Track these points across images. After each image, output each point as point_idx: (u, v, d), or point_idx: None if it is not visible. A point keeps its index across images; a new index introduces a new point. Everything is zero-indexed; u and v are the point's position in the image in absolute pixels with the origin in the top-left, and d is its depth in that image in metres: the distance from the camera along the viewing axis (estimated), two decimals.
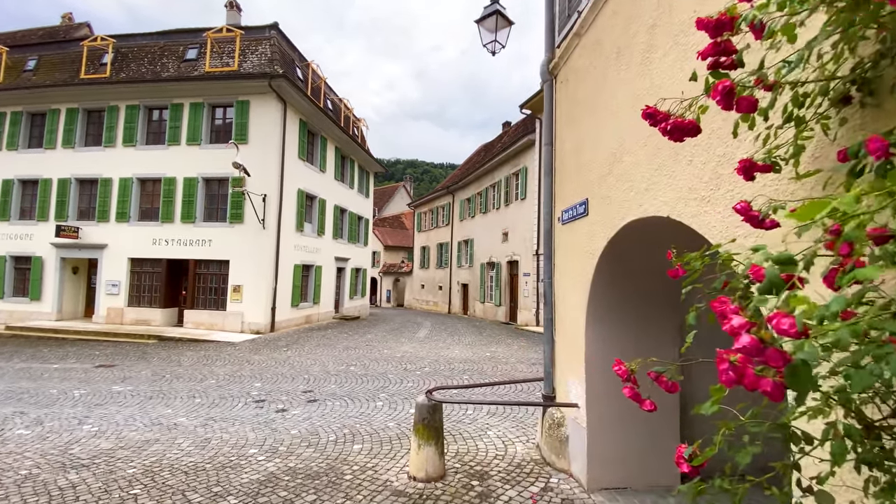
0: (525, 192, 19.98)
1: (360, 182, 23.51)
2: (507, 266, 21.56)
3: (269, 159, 15.07)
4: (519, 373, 8.78)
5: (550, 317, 4.53)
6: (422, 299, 33.23)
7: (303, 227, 16.83)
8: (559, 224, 4.45)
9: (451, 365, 9.60)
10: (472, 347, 12.21)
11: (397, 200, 46.29)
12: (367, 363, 9.86)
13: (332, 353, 11.19)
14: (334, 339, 13.48)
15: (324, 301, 18.84)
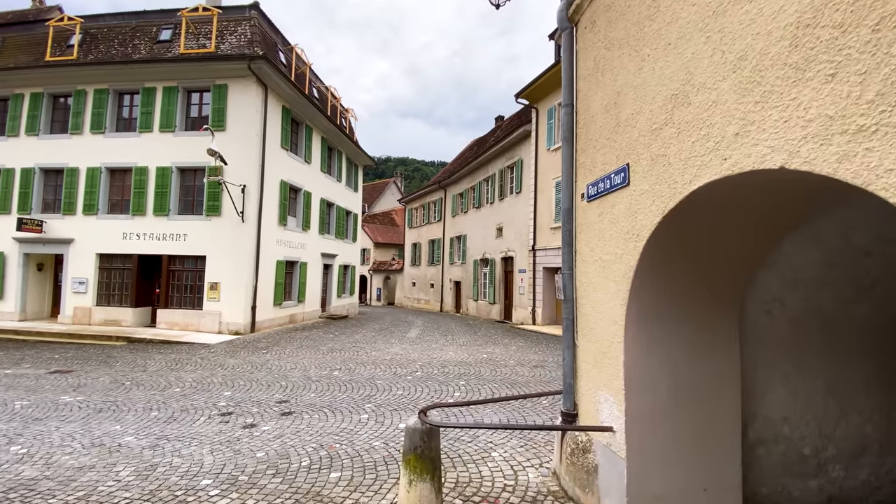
0: (520, 185, 19.19)
1: (349, 175, 22.52)
2: (501, 262, 20.77)
3: (248, 148, 14.06)
4: (520, 377, 7.95)
5: (571, 316, 3.69)
6: (413, 297, 32.35)
7: (286, 220, 15.84)
8: (583, 202, 3.61)
9: (446, 368, 8.75)
10: (467, 348, 11.37)
11: (388, 197, 45.30)
12: (352, 367, 8.96)
13: (315, 355, 10.27)
14: (319, 341, 12.54)
15: (309, 299, 17.86)
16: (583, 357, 3.58)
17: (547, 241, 16.73)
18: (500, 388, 7.18)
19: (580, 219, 3.66)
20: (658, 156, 2.55)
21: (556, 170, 16.37)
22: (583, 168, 3.64)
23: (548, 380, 7.76)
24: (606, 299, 3.15)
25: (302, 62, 17.84)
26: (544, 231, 16.95)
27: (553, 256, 16.34)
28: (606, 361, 3.15)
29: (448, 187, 27.96)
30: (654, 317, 2.91)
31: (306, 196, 17.34)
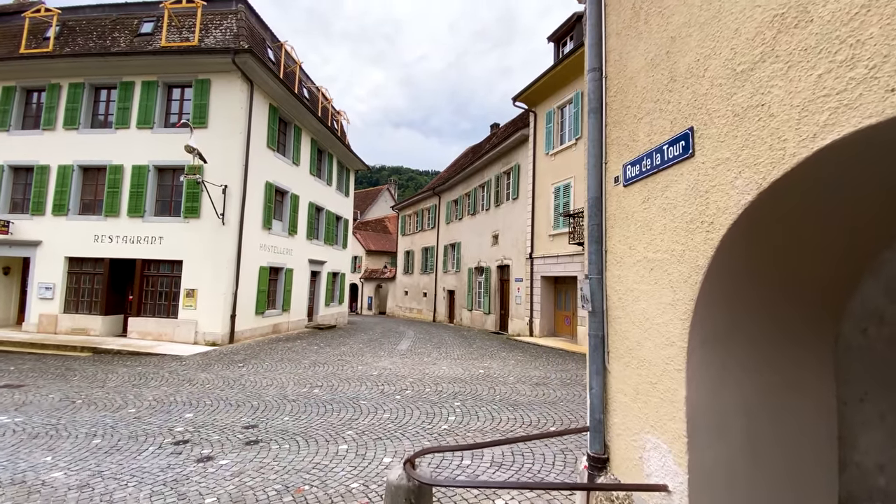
0: (517, 191, 18.51)
1: (340, 179, 21.73)
2: (497, 271, 20.00)
3: (231, 147, 13.23)
4: (522, 397, 7.12)
5: (601, 333, 2.91)
6: (405, 306, 31.42)
7: (271, 224, 14.97)
8: (616, 187, 2.85)
9: (439, 386, 7.90)
10: (461, 362, 10.53)
11: (381, 204, 44.53)
12: (335, 384, 8.08)
13: (295, 370, 9.37)
14: (302, 353, 11.63)
15: (295, 308, 16.92)
16: (617, 386, 2.79)
17: (545, 249, 16.01)
18: (500, 409, 6.35)
19: (613, 209, 2.89)
20: (749, 107, 1.79)
21: (555, 175, 15.71)
22: (617, 145, 2.88)
23: (553, 400, 6.94)
24: (657, 312, 2.37)
25: (292, 60, 17.12)
26: (542, 238, 16.23)
27: (552, 265, 15.60)
28: (655, 395, 2.36)
29: (442, 194, 27.25)
30: (729, 338, 2.14)
31: (293, 199, 16.50)
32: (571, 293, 15.44)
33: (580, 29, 15.65)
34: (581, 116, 14.54)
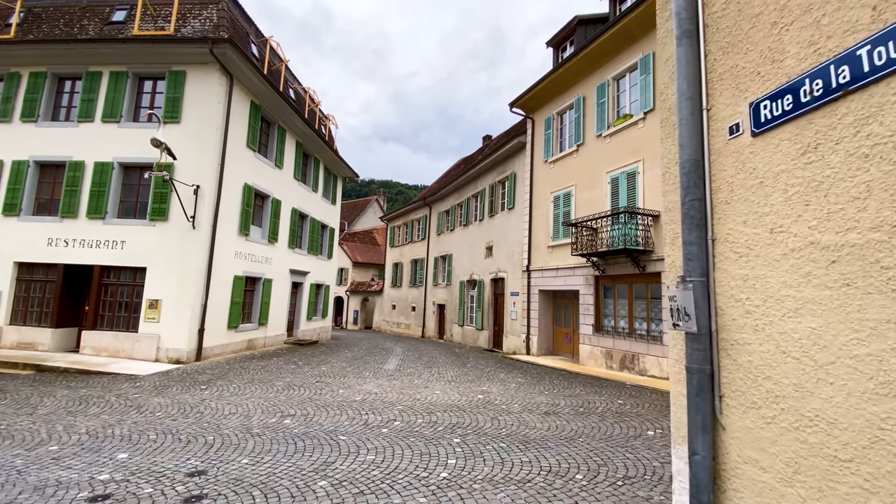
0: (513, 200, 17.63)
1: (327, 186, 20.63)
2: (490, 284, 18.97)
3: (206, 144, 12.10)
4: (533, 431, 6.03)
5: (707, 367, 1.88)
6: (392, 321, 30.12)
7: (248, 230, 13.76)
8: (736, 139, 1.85)
9: (433, 416, 6.75)
10: (457, 385, 9.39)
11: (369, 215, 43.43)
12: (311, 412, 6.87)
13: (266, 394, 8.13)
14: (276, 373, 10.36)
15: (273, 322, 15.60)
16: (746, 454, 1.75)
17: (543, 262, 15.06)
18: (509, 448, 5.24)
19: (728, 174, 1.90)
20: None
21: (555, 183, 14.88)
22: (733, 77, 1.91)
23: (569, 435, 5.86)
24: (849, 335, 1.36)
25: (277, 58, 16.16)
26: (540, 250, 15.29)
27: (551, 278, 14.64)
28: (846, 480, 1.32)
29: (433, 204, 26.31)
30: None
31: (275, 204, 15.34)
32: (572, 308, 14.46)
33: (580, 33, 15.05)
34: (583, 122, 13.80)
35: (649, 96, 11.44)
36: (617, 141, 12.45)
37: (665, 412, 7.20)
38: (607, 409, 7.42)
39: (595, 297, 12.81)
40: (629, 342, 11.52)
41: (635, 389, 9.26)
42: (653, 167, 11.21)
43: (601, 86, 13.19)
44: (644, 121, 11.60)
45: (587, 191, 13.37)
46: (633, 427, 6.28)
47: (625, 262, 11.71)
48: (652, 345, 10.81)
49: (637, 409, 7.46)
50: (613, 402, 7.92)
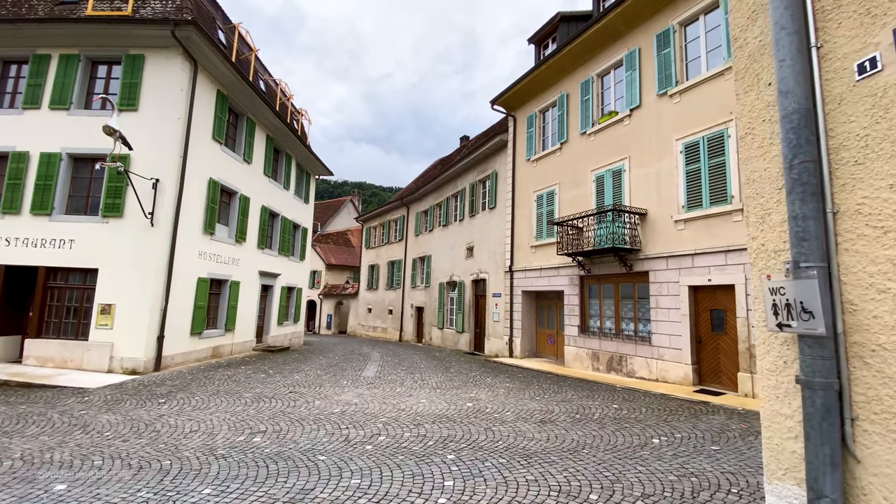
0: (495, 200, 17.25)
1: (299, 184, 19.70)
2: (471, 285, 18.52)
3: (166, 134, 11.15)
4: (533, 443, 5.54)
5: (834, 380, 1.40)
6: (368, 325, 29.26)
7: (214, 228, 12.80)
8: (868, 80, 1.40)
9: (421, 428, 6.17)
10: (442, 393, 8.83)
11: (343, 216, 42.34)
12: (284, 428, 6.18)
13: (233, 407, 7.35)
14: (245, 383, 9.53)
15: (241, 327, 14.63)
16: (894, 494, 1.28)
17: (527, 262, 14.71)
18: (511, 465, 4.73)
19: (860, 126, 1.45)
20: None
21: (537, 182, 14.56)
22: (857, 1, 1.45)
23: (571, 446, 5.41)
24: None
25: (246, 46, 15.25)
26: (523, 250, 14.94)
27: (534, 278, 14.29)
28: None
29: (411, 204, 25.69)
30: None
31: (243, 201, 14.40)
32: (555, 309, 14.15)
33: (563, 30, 14.82)
34: (567, 119, 13.54)
35: (635, 93, 11.25)
36: (602, 138, 12.22)
37: (665, 417, 6.86)
38: (604, 415, 7.03)
39: (580, 297, 12.52)
40: (616, 343, 11.25)
41: (627, 393, 8.94)
42: (639, 165, 11.01)
43: (585, 83, 12.96)
44: (630, 118, 11.39)
45: (571, 189, 13.10)
46: (635, 435, 5.89)
47: (611, 262, 11.45)
48: (640, 346, 10.56)
49: (635, 414, 7.10)
50: (609, 408, 7.54)
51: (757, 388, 8.15)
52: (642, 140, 10.96)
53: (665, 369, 9.88)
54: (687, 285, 9.58)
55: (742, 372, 8.42)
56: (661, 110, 10.60)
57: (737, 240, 8.69)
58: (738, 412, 7.26)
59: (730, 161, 8.96)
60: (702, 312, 9.45)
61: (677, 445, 5.43)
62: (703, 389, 8.96)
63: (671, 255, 9.94)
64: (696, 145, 9.63)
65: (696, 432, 6.04)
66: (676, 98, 10.23)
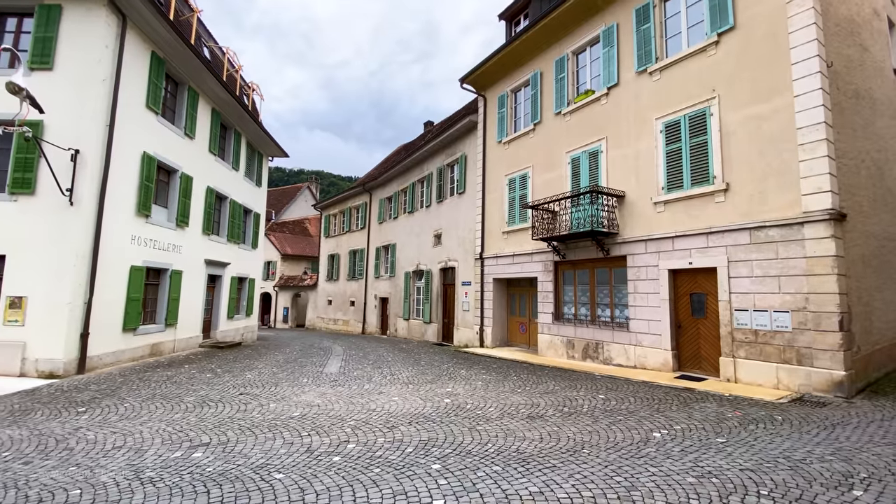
0: (464, 184, 16.55)
1: (251, 165, 18.11)
2: (439, 274, 17.79)
3: (88, 98, 9.57)
4: (526, 444, 4.89)
5: None
6: (329, 318, 27.94)
7: (150, 210, 11.28)
8: None
9: (396, 432, 5.38)
10: (416, 388, 8.06)
11: (300, 203, 40.33)
12: (232, 439, 5.20)
13: (170, 415, 6.23)
14: (187, 385, 8.33)
15: (185, 322, 13.16)
16: None
17: (498, 248, 14.12)
18: (508, 474, 4.05)
19: None
20: None
21: (510, 165, 13.96)
22: None
23: (569, 446, 4.80)
24: None
25: (187, 7, 13.56)
26: (495, 236, 14.34)
27: (506, 265, 13.74)
28: None
29: (374, 190, 24.52)
30: None
31: (185, 181, 12.85)
32: (528, 297, 13.68)
33: (536, 5, 14.18)
34: (540, 99, 12.96)
35: (613, 70, 10.80)
36: (578, 118, 11.74)
37: (657, 407, 6.44)
38: (593, 406, 6.51)
39: (555, 283, 12.08)
40: (592, 330, 10.89)
41: (609, 381, 8.54)
42: (617, 146, 10.60)
43: (560, 60, 12.40)
44: (607, 97, 10.95)
45: (545, 172, 12.57)
46: (633, 429, 5.38)
47: (587, 247, 11.04)
48: (617, 332, 10.23)
49: (624, 404, 6.63)
50: (595, 398, 7.05)
51: (740, 373, 7.95)
52: (620, 120, 10.54)
53: (644, 356, 9.58)
54: (667, 269, 9.27)
55: (724, 357, 8.19)
56: (640, 88, 10.20)
57: (719, 221, 8.43)
58: (726, 399, 6.97)
59: (712, 140, 8.66)
60: (682, 297, 9.18)
61: (681, 439, 4.96)
62: (684, 375, 8.71)
63: (650, 239, 9.61)
64: (677, 124, 9.29)
65: (693, 423, 5.62)
66: (656, 75, 9.84)
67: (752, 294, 7.85)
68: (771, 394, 7.16)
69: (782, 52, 7.83)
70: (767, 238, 7.73)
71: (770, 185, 7.79)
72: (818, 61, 7.44)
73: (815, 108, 7.34)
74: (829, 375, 6.93)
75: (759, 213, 7.90)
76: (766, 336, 7.65)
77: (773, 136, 7.81)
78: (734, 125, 8.37)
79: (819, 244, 7.13)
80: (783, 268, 7.49)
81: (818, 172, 7.23)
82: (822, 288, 7.06)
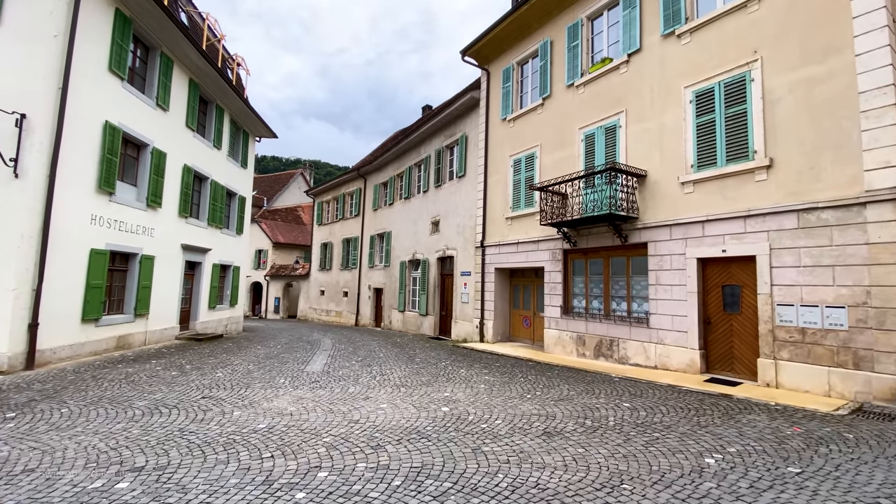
0: (464, 167, 15.38)
1: (234, 144, 16.87)
2: (437, 264, 16.69)
3: (37, 56, 8.35)
4: (545, 471, 3.82)
5: None
6: (321, 309, 26.87)
7: (114, 187, 10.10)
8: None
9: (381, 454, 4.30)
10: (409, 392, 6.98)
11: (293, 190, 39.05)
12: (172, 461, 4.10)
13: (110, 425, 5.13)
14: (144, 385, 7.22)
15: (158, 312, 12.03)
16: None
17: (501, 235, 13.01)
18: None
19: None
20: None
21: (515, 144, 12.80)
22: None
23: (607, 481, 3.75)
24: None
25: None
26: (497, 223, 13.22)
27: (510, 254, 12.64)
28: None
29: (368, 176, 23.32)
30: None
31: (157, 156, 11.63)
32: (532, 288, 12.60)
33: None
34: (550, 70, 11.77)
35: (635, 35, 9.62)
36: (593, 91, 10.57)
37: (696, 419, 5.39)
38: (620, 419, 5.45)
39: (564, 274, 11.00)
40: (606, 325, 9.83)
41: (630, 384, 7.49)
42: (638, 119, 9.46)
43: (573, 27, 11.20)
44: (627, 65, 9.78)
45: (555, 151, 11.43)
46: (677, 452, 4.32)
47: (602, 233, 9.95)
48: (635, 328, 9.18)
49: (656, 415, 5.58)
50: (620, 407, 6.00)
51: (782, 377, 6.91)
52: (642, 90, 9.39)
53: (666, 355, 8.53)
54: (695, 258, 8.19)
55: (763, 358, 7.15)
56: (665, 54, 9.03)
57: (760, 202, 7.33)
58: (774, 409, 5.92)
59: (752, 110, 7.53)
60: (712, 289, 8.11)
61: (743, 468, 3.90)
62: (715, 378, 7.67)
63: (676, 223, 8.52)
64: (710, 93, 8.14)
65: (748, 443, 4.57)
66: (686, 38, 8.68)
67: (800, 286, 6.79)
68: (823, 402, 6.13)
69: (840, 4, 6.68)
70: (820, 221, 6.64)
71: (824, 160, 6.69)
72: (885, 13, 6.31)
73: (882, 69, 6.23)
74: (893, 382, 5.89)
75: (809, 193, 6.80)
76: (815, 335, 6.60)
77: (828, 102, 6.69)
78: (780, 91, 7.25)
79: (885, 228, 6.05)
80: (839, 256, 6.42)
81: (885, 144, 6.13)
82: (887, 280, 6.00)
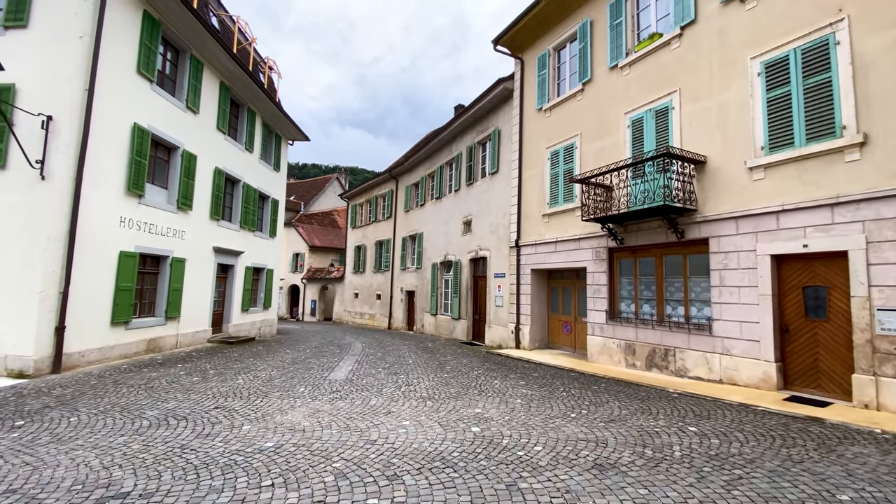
0: (497, 163, 14.60)
1: (266, 147, 16.85)
2: (469, 265, 15.96)
3: (63, 57, 8.33)
4: None
5: None
6: (355, 311, 26.72)
7: (143, 189, 10.04)
8: None
9: (398, 487, 3.64)
10: (435, 407, 6.28)
11: (329, 195, 39.47)
12: (163, 486, 3.59)
13: (112, 437, 4.73)
14: (161, 392, 6.91)
15: (190, 315, 11.96)
16: None
17: (538, 234, 12.12)
18: None
19: None
20: None
21: (552, 135, 11.90)
22: None
23: None
24: None
25: None
26: (533, 220, 12.34)
27: (547, 254, 11.73)
28: None
29: (400, 177, 22.94)
30: None
31: (188, 159, 11.58)
32: (573, 291, 11.62)
33: None
34: (591, 53, 10.83)
35: (689, 4, 8.55)
36: (640, 71, 9.55)
37: (784, 451, 4.37)
38: (687, 448, 4.51)
39: (609, 274, 9.98)
40: (659, 333, 8.76)
41: (692, 402, 6.46)
42: (693, 99, 8.38)
43: (615, 3, 10.21)
44: (680, 39, 8.72)
45: (597, 140, 10.46)
46: (770, 499, 3.37)
47: (653, 228, 8.90)
48: (695, 336, 8.07)
49: (732, 445, 4.59)
50: (685, 432, 5.04)
51: (885, 396, 5.69)
52: (699, 65, 8.31)
53: (734, 367, 7.40)
54: (768, 254, 7.04)
55: (860, 374, 5.94)
56: (726, 23, 7.93)
57: (851, 187, 6.14)
58: (881, 437, 4.79)
59: (839, 78, 6.35)
60: (790, 291, 6.93)
61: None
62: (796, 397, 6.50)
63: (744, 215, 7.39)
64: (784, 62, 6.99)
65: (861, 486, 3.55)
66: (750, 2, 7.55)
67: None
68: None
69: None
70: None
71: None
72: None
73: None
74: None
75: None
76: None
77: None
78: (874, 54, 6.05)
79: None
80: None
81: None
82: None
